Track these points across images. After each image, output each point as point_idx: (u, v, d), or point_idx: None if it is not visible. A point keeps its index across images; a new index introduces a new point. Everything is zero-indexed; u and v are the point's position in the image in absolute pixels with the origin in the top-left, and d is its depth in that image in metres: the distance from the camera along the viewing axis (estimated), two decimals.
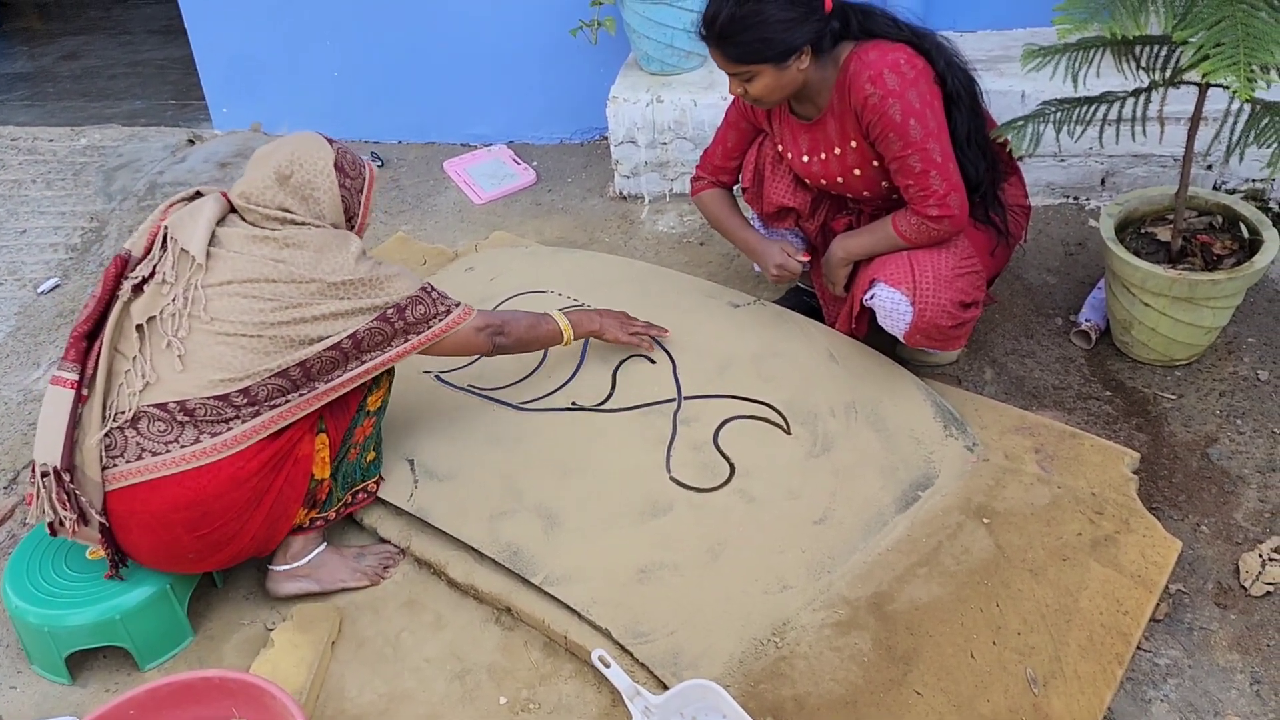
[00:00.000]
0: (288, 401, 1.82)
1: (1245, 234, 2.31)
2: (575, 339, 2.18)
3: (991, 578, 1.90)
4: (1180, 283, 2.19)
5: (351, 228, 1.96)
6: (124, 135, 4.02)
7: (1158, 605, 1.87)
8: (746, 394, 2.23)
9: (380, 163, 3.66)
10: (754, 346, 2.35)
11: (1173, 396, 2.33)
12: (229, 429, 1.78)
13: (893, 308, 2.14)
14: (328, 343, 1.81)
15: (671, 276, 2.65)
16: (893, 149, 2.03)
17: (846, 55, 2.04)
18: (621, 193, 3.29)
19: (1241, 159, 2.12)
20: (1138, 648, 1.82)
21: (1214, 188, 2.87)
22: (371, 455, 2.07)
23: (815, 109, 2.14)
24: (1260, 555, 1.94)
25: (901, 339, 2.19)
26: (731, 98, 2.29)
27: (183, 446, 1.75)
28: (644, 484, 2.07)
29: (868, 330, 2.34)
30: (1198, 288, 2.19)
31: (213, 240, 1.83)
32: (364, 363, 1.88)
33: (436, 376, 2.37)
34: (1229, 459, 2.17)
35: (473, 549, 2.01)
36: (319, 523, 2.00)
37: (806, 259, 2.37)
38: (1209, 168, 2.84)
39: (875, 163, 2.13)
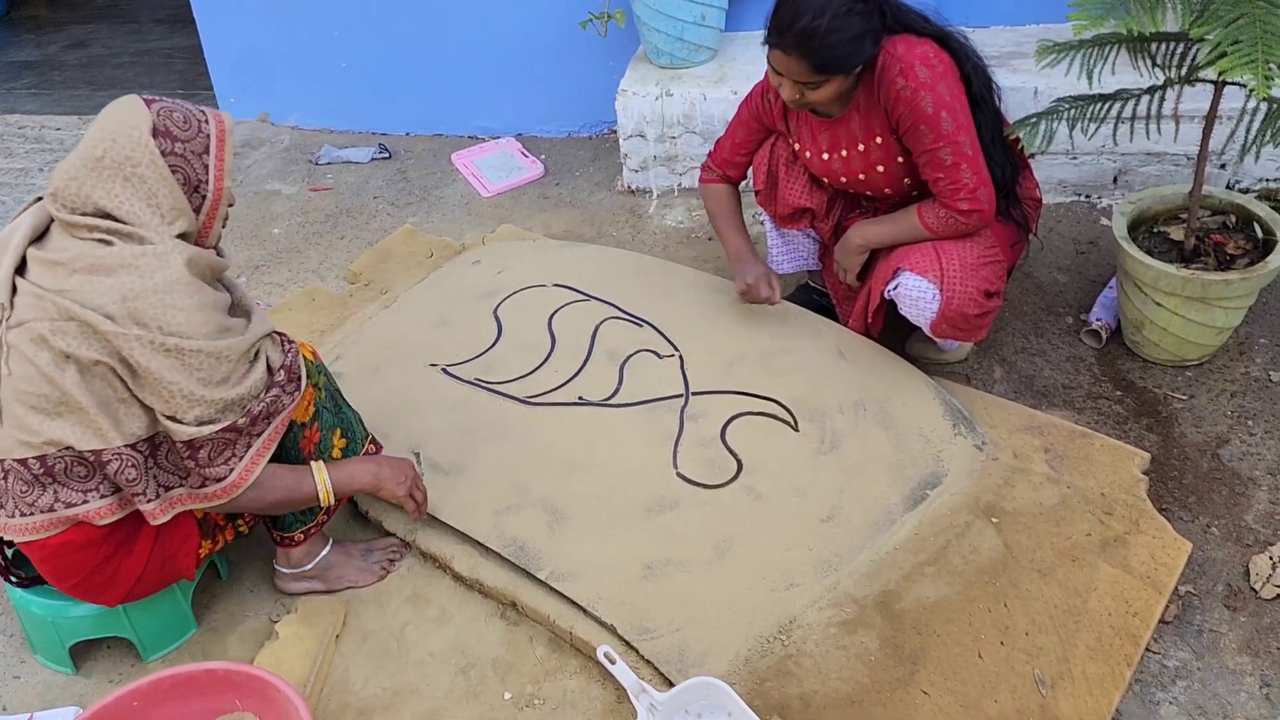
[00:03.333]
0: (87, 503, 1.59)
1: (1259, 234, 2.29)
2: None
3: (1000, 577, 1.88)
4: (1193, 282, 2.17)
5: (203, 201, 1.64)
6: None
7: (1167, 607, 1.86)
8: (755, 390, 2.22)
9: (388, 154, 3.64)
10: (762, 343, 2.34)
11: (1184, 397, 2.31)
12: (33, 513, 1.59)
13: (919, 296, 2.13)
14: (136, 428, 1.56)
15: (680, 271, 2.64)
16: (923, 142, 2.02)
17: None
18: (630, 187, 3.27)
19: (1257, 158, 2.11)
20: (1147, 649, 1.81)
21: (1228, 187, 2.85)
22: (341, 443, 1.89)
23: (839, 106, 2.13)
24: (1271, 558, 1.93)
25: (927, 329, 2.17)
26: (741, 93, 2.27)
27: (8, 515, 1.61)
28: (650, 480, 2.06)
29: (883, 326, 2.32)
30: (1210, 288, 2.17)
31: (23, 266, 1.58)
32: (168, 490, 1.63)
33: (444, 370, 2.36)
34: (1240, 460, 2.15)
35: (478, 543, 2.00)
36: (312, 530, 1.93)
37: (777, 304, 2.33)
38: (1223, 167, 2.82)
39: (900, 158, 2.11)
